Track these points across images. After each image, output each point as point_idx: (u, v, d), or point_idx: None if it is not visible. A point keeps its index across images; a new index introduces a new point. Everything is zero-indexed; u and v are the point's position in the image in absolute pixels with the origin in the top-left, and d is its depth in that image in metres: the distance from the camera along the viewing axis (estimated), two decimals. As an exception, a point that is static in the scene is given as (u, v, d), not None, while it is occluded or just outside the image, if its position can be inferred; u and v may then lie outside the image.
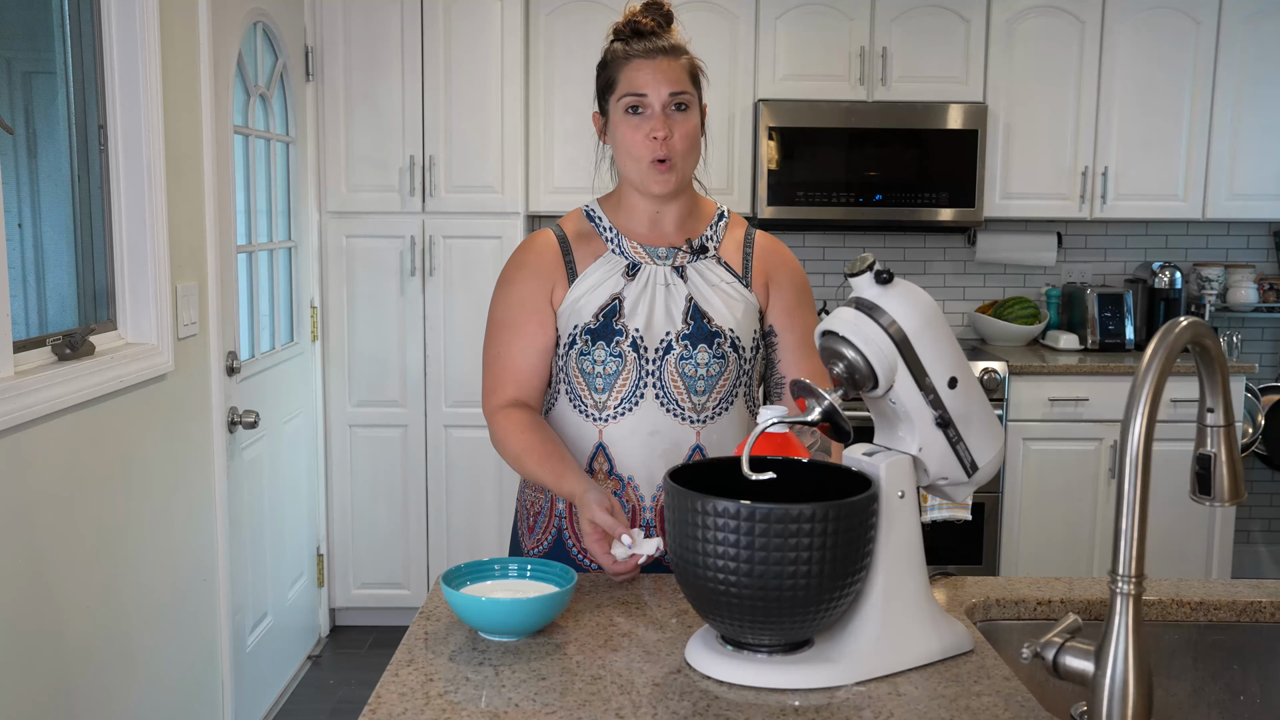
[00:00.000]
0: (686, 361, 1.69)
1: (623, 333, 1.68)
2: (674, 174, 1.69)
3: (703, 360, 1.69)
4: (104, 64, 2.43)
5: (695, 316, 1.70)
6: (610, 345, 1.68)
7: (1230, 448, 1.21)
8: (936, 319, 1.31)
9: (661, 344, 1.69)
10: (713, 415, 1.71)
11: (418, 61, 3.81)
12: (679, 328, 1.69)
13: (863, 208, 3.96)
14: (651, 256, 1.73)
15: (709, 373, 1.70)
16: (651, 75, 1.66)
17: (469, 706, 1.17)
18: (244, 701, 3.08)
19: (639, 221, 1.75)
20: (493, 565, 1.48)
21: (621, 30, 1.71)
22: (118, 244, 2.48)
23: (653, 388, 1.69)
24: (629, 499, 1.70)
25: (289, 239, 3.68)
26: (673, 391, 1.69)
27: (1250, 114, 4.05)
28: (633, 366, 1.68)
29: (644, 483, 1.71)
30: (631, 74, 1.67)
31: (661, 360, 1.69)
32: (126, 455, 2.39)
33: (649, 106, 1.67)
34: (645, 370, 1.68)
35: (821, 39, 3.96)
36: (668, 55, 1.68)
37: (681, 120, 1.68)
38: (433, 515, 3.96)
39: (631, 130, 1.68)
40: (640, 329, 1.69)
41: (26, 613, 2.00)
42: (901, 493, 1.29)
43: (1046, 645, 1.14)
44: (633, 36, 1.69)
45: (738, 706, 1.17)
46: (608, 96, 1.72)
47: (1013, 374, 3.82)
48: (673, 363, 1.69)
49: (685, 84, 1.69)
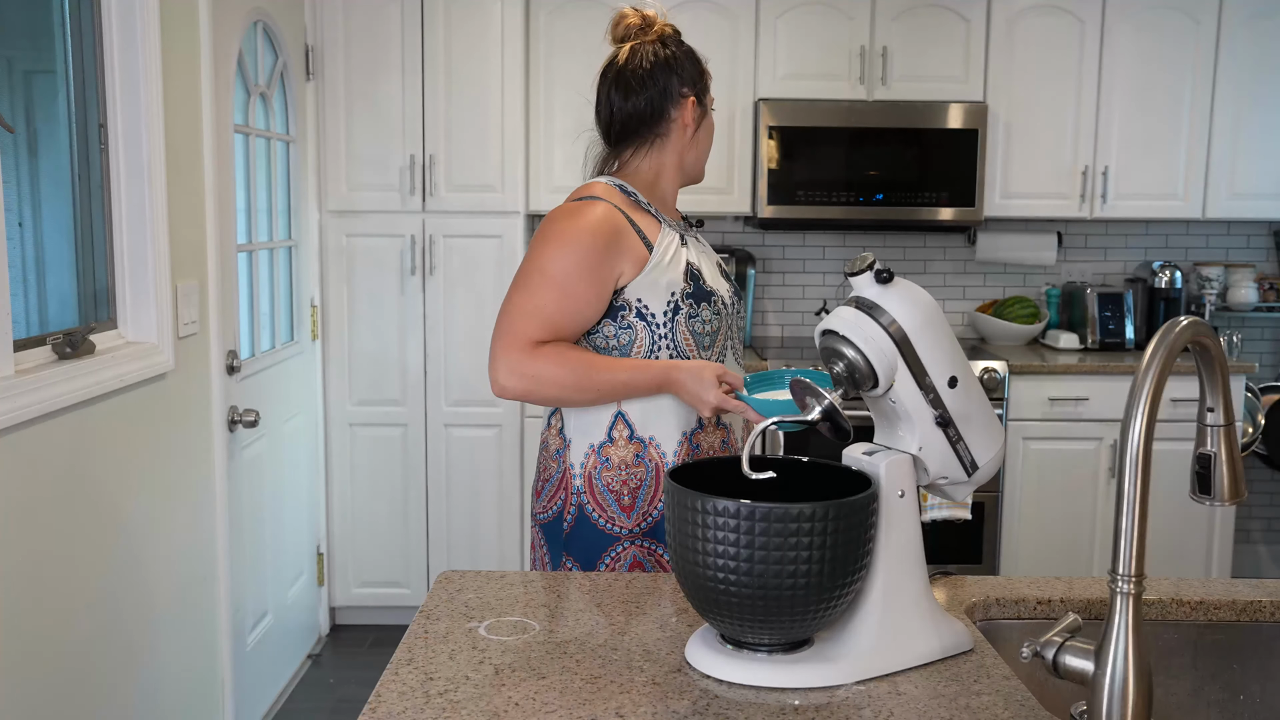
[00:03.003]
0: (738, 316, 1.93)
1: (715, 293, 1.84)
2: None
3: (743, 313, 1.95)
4: (104, 63, 2.43)
5: (727, 278, 1.94)
6: (711, 305, 1.83)
7: (1230, 447, 1.21)
8: (936, 318, 1.31)
9: (730, 300, 1.90)
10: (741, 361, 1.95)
11: (418, 61, 3.81)
12: (728, 286, 1.91)
13: (863, 207, 3.96)
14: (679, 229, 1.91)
15: (743, 323, 1.96)
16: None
17: (469, 706, 1.17)
18: (244, 700, 3.08)
19: (664, 202, 1.92)
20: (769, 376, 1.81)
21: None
22: (118, 243, 2.48)
23: (730, 338, 1.89)
24: (734, 443, 1.89)
25: (289, 238, 3.68)
26: (736, 340, 1.92)
27: (1250, 113, 4.05)
28: (726, 321, 1.87)
29: (738, 426, 1.91)
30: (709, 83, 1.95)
31: (732, 314, 1.90)
32: (126, 455, 2.39)
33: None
34: (729, 324, 1.88)
35: (822, 38, 3.96)
36: None
37: None
38: (433, 514, 3.96)
39: (714, 131, 1.98)
40: (716, 289, 1.86)
41: (26, 612, 2.00)
42: (901, 492, 1.29)
43: (1046, 644, 1.14)
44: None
45: (738, 706, 1.18)
46: (704, 96, 1.93)
47: (1013, 373, 3.82)
48: (735, 317, 1.92)
49: None
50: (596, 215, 1.78)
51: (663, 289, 1.79)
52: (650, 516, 1.82)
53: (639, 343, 1.80)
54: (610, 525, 1.82)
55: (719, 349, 1.85)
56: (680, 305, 1.80)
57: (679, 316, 1.79)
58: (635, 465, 1.80)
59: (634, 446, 1.80)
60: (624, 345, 1.81)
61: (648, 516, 1.82)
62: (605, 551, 1.82)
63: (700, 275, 1.83)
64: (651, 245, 1.80)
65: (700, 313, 1.81)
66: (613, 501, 1.82)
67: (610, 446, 1.81)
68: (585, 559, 1.84)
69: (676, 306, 1.80)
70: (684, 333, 1.80)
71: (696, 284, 1.81)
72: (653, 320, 1.79)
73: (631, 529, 1.81)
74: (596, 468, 1.82)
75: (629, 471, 1.80)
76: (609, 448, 1.81)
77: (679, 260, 1.82)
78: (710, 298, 1.83)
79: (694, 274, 1.82)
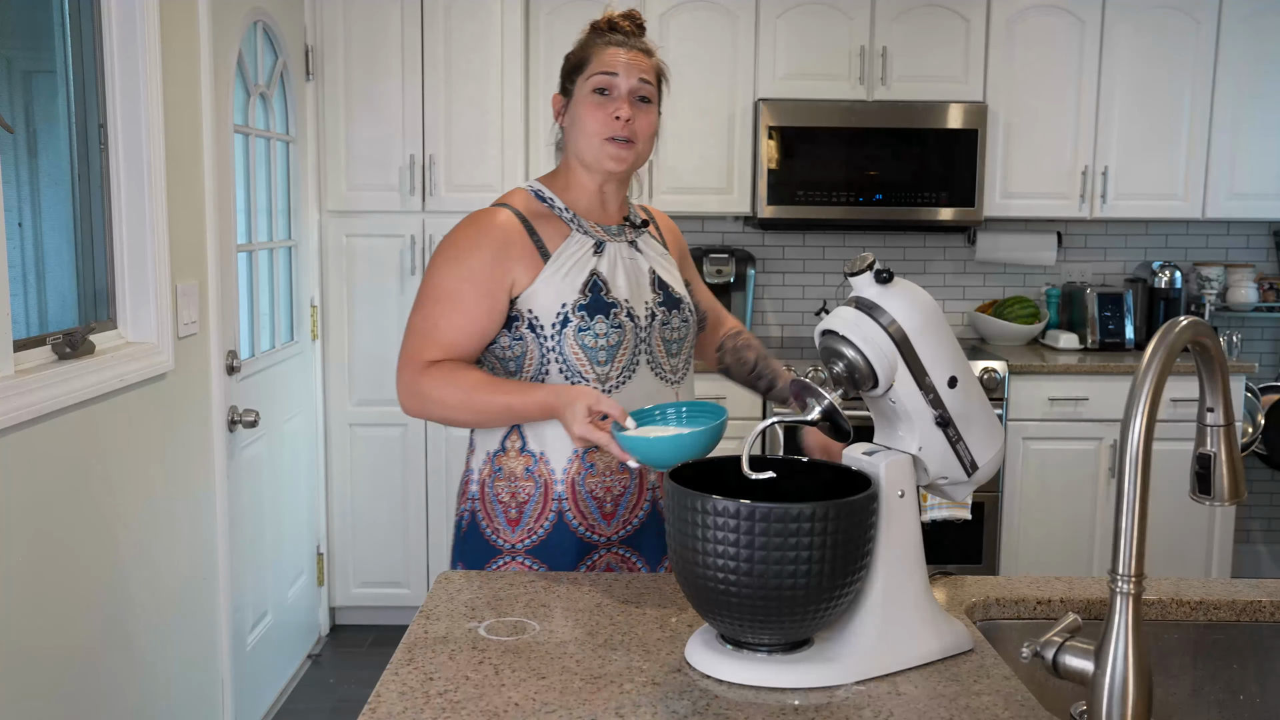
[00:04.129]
0: (666, 327, 1.79)
1: (616, 305, 1.73)
2: (632, 154, 1.75)
3: (676, 325, 1.81)
4: (104, 63, 2.43)
5: (661, 287, 1.81)
6: (609, 318, 1.72)
7: (1230, 447, 1.21)
8: (936, 318, 1.31)
9: (647, 313, 1.77)
10: (684, 374, 1.84)
11: (418, 61, 3.81)
12: (652, 296, 1.79)
13: (863, 207, 3.96)
14: (607, 234, 1.80)
15: (679, 335, 1.82)
16: (624, 60, 1.75)
17: (469, 706, 1.17)
18: (244, 700, 3.08)
19: (589, 201, 1.81)
20: (653, 411, 1.62)
21: (599, 25, 1.82)
22: (118, 243, 2.48)
23: (645, 354, 1.77)
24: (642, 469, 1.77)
25: (289, 238, 3.68)
26: (658, 356, 1.79)
27: (1250, 113, 4.05)
28: (630, 335, 1.74)
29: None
30: (605, 55, 1.76)
31: (650, 327, 1.77)
32: (126, 455, 2.39)
33: (616, 88, 1.74)
34: (639, 339, 1.76)
35: (822, 38, 3.96)
36: (640, 51, 1.79)
37: (644, 110, 1.76)
38: (432, 514, 3.96)
39: (595, 108, 1.74)
40: (628, 300, 1.75)
41: (27, 612, 2.00)
42: (901, 492, 1.29)
43: (1046, 644, 1.14)
44: (609, 31, 1.80)
45: (737, 706, 1.17)
46: (575, 77, 1.79)
47: (1013, 373, 3.82)
48: (658, 330, 1.78)
49: (652, 77, 1.78)
50: (485, 225, 1.73)
51: (553, 300, 1.71)
52: (535, 534, 1.73)
53: (530, 355, 1.73)
54: (495, 537, 1.75)
55: (622, 364, 1.73)
56: (570, 318, 1.70)
57: (568, 329, 1.70)
58: (524, 479, 1.74)
59: (524, 459, 1.74)
60: (517, 357, 1.74)
61: (533, 534, 1.74)
62: (488, 563, 1.76)
63: (605, 286, 1.73)
64: (549, 254, 1.73)
65: (593, 326, 1.71)
66: (500, 513, 1.75)
67: (503, 456, 1.75)
68: (473, 569, 1.78)
69: (566, 319, 1.70)
70: (573, 346, 1.71)
71: (595, 295, 1.72)
72: (541, 332, 1.71)
73: (514, 544, 1.74)
74: (490, 476, 1.76)
75: (517, 484, 1.74)
76: (502, 457, 1.75)
77: (580, 270, 1.73)
78: (610, 310, 1.72)
79: (596, 284, 1.73)
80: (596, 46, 1.78)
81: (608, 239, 1.79)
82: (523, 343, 1.73)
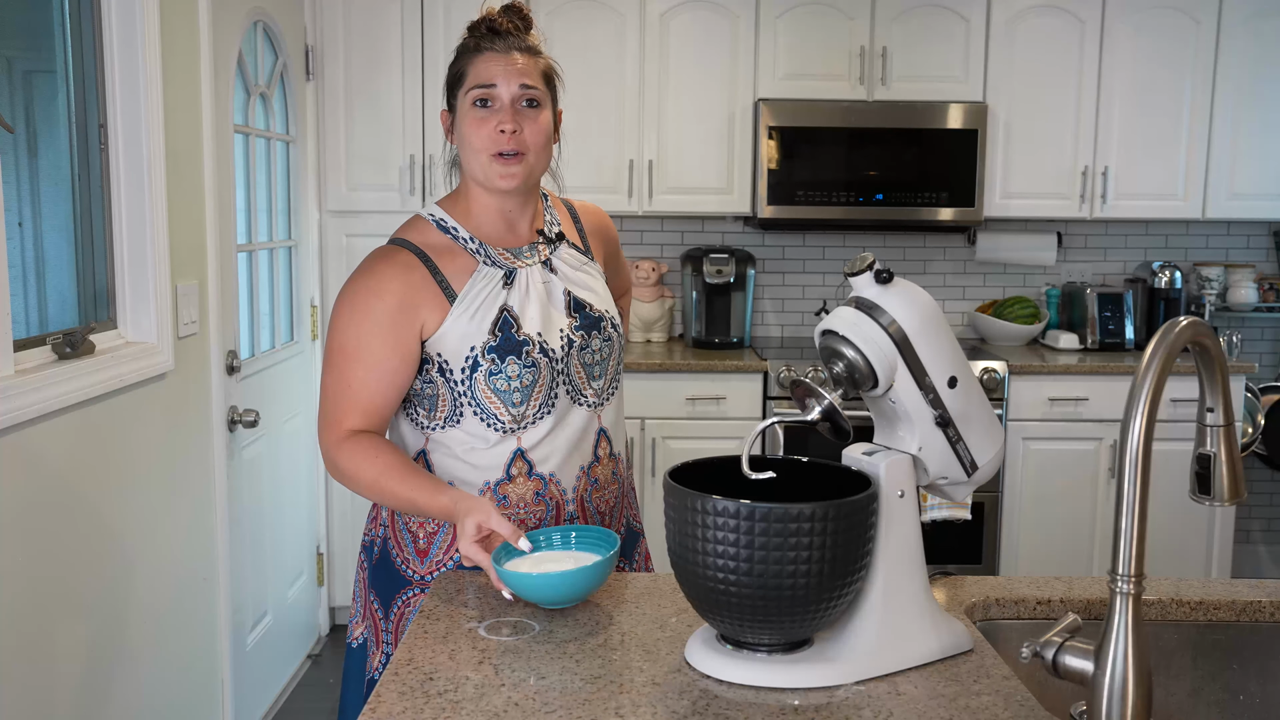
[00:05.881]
0: (584, 351, 1.69)
1: (528, 342, 1.63)
2: (523, 168, 1.64)
3: (596, 346, 1.70)
4: (104, 63, 2.43)
5: (578, 308, 1.70)
6: (522, 358, 1.62)
7: (1230, 447, 1.21)
8: (936, 318, 1.31)
9: (562, 342, 1.67)
10: (609, 395, 1.74)
11: (418, 61, 3.81)
12: (568, 322, 1.69)
13: (863, 207, 3.96)
14: (518, 258, 1.69)
15: (602, 357, 1.71)
16: (503, 68, 1.63)
17: (469, 706, 1.17)
18: (244, 700, 3.08)
19: (494, 224, 1.70)
20: (537, 537, 1.52)
21: (476, 28, 1.68)
22: (118, 243, 2.48)
23: (563, 385, 1.67)
24: (552, 495, 1.68)
25: (289, 238, 3.68)
26: (578, 383, 1.69)
27: (1250, 114, 4.05)
28: (546, 371, 1.64)
29: (565, 477, 1.69)
30: (481, 66, 1.64)
31: (567, 357, 1.67)
32: (126, 455, 2.39)
33: (497, 99, 1.63)
34: (556, 371, 1.66)
35: (822, 38, 3.96)
36: (522, 52, 1.66)
37: (532, 116, 1.65)
38: (433, 514, 3.95)
39: (478, 123, 1.63)
40: (541, 333, 1.65)
41: (26, 612, 2.00)
42: (901, 492, 1.29)
43: (1046, 644, 1.14)
44: (488, 35, 1.67)
45: (737, 706, 1.17)
46: (456, 91, 1.67)
47: (1012, 374, 3.82)
48: (575, 356, 1.68)
49: (537, 80, 1.65)
50: (382, 267, 1.63)
51: (461, 343, 1.61)
52: (445, 567, 1.66)
53: (442, 400, 1.64)
54: (405, 567, 1.68)
55: (539, 401, 1.64)
56: (480, 361, 1.60)
57: (478, 373, 1.60)
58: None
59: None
60: (430, 398, 1.65)
61: (442, 566, 1.67)
62: (397, 595, 1.68)
63: (516, 322, 1.63)
64: (455, 294, 1.62)
65: (504, 369, 1.60)
66: (410, 543, 1.69)
67: None
68: (383, 598, 1.71)
69: (476, 363, 1.60)
70: (484, 390, 1.61)
71: (505, 334, 1.61)
72: (451, 376, 1.62)
73: (424, 575, 1.67)
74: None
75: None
76: None
77: (489, 308, 1.62)
78: (522, 349, 1.61)
79: (506, 322, 1.62)
80: (473, 55, 1.66)
81: (518, 264, 1.68)
82: (434, 385, 1.64)
